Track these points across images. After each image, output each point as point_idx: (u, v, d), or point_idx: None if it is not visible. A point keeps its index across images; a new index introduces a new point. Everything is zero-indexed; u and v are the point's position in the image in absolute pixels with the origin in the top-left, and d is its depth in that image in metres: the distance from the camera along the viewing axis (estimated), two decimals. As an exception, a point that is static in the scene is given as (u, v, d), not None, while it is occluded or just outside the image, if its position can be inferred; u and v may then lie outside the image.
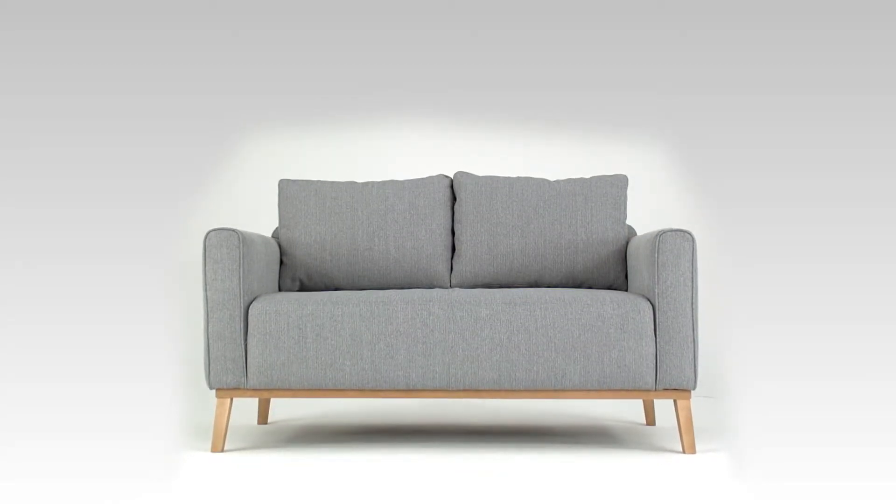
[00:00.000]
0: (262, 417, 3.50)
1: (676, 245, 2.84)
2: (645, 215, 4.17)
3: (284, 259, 3.36)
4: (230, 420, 3.60)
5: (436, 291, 2.95)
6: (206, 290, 2.91)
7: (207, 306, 2.91)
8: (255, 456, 2.85)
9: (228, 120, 4.36)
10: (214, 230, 2.92)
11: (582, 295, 2.89)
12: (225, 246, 2.90)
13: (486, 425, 3.49)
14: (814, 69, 3.01)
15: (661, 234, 2.85)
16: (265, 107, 4.38)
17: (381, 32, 4.27)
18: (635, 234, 3.42)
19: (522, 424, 3.53)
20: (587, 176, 3.89)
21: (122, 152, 3.13)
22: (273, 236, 3.45)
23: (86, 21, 3.24)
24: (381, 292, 2.96)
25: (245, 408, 3.96)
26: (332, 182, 3.43)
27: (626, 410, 3.88)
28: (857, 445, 2.49)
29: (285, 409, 3.93)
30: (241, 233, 2.93)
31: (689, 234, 2.86)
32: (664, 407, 3.93)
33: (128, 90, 3.33)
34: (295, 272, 3.35)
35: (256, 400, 4.04)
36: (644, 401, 3.48)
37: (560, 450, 2.93)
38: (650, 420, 3.45)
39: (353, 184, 3.42)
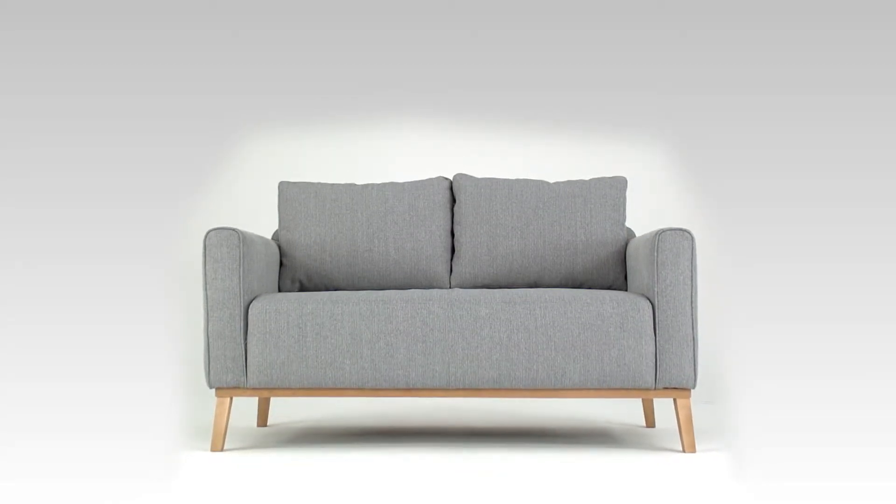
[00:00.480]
0: (262, 420, 3.50)
1: (676, 244, 2.84)
2: (645, 216, 4.17)
3: (284, 261, 3.36)
4: (229, 422, 3.59)
5: (435, 290, 2.95)
6: (206, 289, 2.91)
7: (207, 305, 2.91)
8: (255, 456, 2.85)
9: (228, 120, 4.35)
10: (215, 229, 2.92)
11: (581, 294, 2.90)
12: (225, 245, 2.90)
13: (486, 425, 3.49)
14: (814, 69, 3.01)
15: (661, 233, 2.85)
16: (265, 107, 4.38)
17: (381, 32, 4.27)
18: (634, 236, 3.42)
19: (522, 424, 3.53)
20: (587, 177, 3.89)
21: (122, 152, 3.13)
22: (273, 239, 3.45)
23: (86, 21, 3.24)
24: (381, 291, 2.96)
25: (245, 411, 3.96)
26: (332, 184, 3.43)
27: (625, 414, 3.88)
28: (857, 445, 2.49)
29: (285, 413, 3.93)
30: (242, 232, 2.93)
31: (689, 232, 2.86)
32: (664, 412, 3.94)
33: (128, 90, 3.33)
34: (295, 273, 3.35)
35: (256, 403, 4.04)
36: (644, 403, 3.48)
37: (560, 450, 2.93)
38: (650, 423, 3.45)
39: (352, 186, 3.42)
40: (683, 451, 2.88)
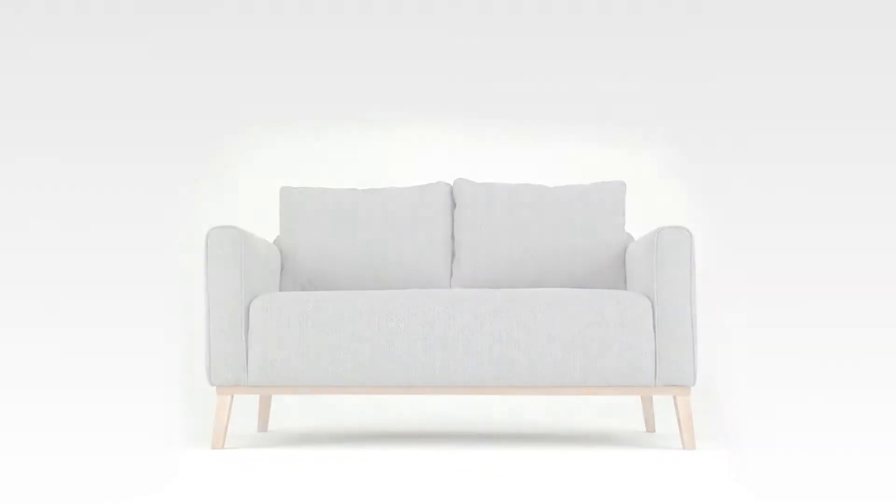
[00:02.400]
0: (263, 426, 3.48)
1: (675, 241, 2.84)
2: (644, 217, 4.17)
3: (286, 264, 3.36)
4: (230, 425, 3.59)
5: (436, 289, 2.95)
6: (207, 286, 2.91)
7: (209, 303, 2.91)
8: (255, 454, 2.85)
9: (229, 121, 4.36)
10: (217, 228, 2.92)
11: (581, 292, 2.90)
12: (227, 243, 2.91)
13: (487, 424, 3.49)
14: (813, 69, 3.02)
15: (660, 231, 2.85)
16: (265, 108, 4.38)
17: (382, 32, 4.27)
18: (633, 240, 3.41)
19: (522, 424, 3.53)
20: (586, 180, 3.89)
21: (123, 153, 3.13)
22: (274, 244, 3.45)
23: (85, 21, 3.25)
24: (382, 290, 2.96)
25: (245, 415, 3.96)
26: (334, 189, 3.44)
27: (626, 419, 3.89)
28: (857, 445, 2.50)
29: (285, 417, 3.93)
30: (243, 231, 2.94)
31: (688, 230, 2.86)
32: (664, 416, 3.94)
33: (128, 90, 3.33)
34: (296, 277, 3.35)
35: (257, 409, 4.04)
36: (644, 406, 3.48)
37: (560, 450, 2.93)
38: (650, 427, 3.44)
39: (353, 191, 3.43)
40: (683, 447, 2.88)
